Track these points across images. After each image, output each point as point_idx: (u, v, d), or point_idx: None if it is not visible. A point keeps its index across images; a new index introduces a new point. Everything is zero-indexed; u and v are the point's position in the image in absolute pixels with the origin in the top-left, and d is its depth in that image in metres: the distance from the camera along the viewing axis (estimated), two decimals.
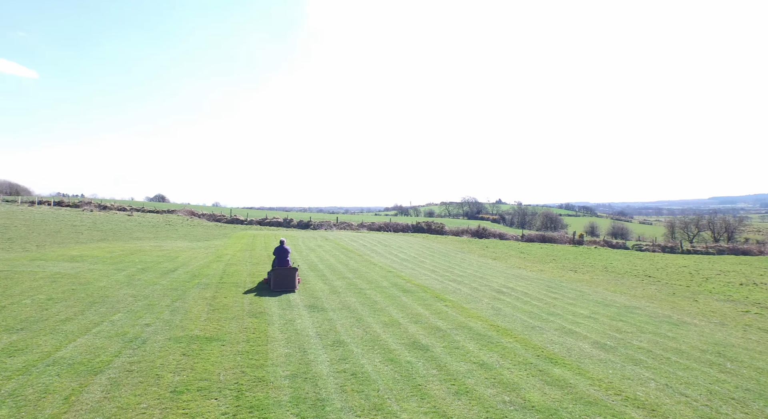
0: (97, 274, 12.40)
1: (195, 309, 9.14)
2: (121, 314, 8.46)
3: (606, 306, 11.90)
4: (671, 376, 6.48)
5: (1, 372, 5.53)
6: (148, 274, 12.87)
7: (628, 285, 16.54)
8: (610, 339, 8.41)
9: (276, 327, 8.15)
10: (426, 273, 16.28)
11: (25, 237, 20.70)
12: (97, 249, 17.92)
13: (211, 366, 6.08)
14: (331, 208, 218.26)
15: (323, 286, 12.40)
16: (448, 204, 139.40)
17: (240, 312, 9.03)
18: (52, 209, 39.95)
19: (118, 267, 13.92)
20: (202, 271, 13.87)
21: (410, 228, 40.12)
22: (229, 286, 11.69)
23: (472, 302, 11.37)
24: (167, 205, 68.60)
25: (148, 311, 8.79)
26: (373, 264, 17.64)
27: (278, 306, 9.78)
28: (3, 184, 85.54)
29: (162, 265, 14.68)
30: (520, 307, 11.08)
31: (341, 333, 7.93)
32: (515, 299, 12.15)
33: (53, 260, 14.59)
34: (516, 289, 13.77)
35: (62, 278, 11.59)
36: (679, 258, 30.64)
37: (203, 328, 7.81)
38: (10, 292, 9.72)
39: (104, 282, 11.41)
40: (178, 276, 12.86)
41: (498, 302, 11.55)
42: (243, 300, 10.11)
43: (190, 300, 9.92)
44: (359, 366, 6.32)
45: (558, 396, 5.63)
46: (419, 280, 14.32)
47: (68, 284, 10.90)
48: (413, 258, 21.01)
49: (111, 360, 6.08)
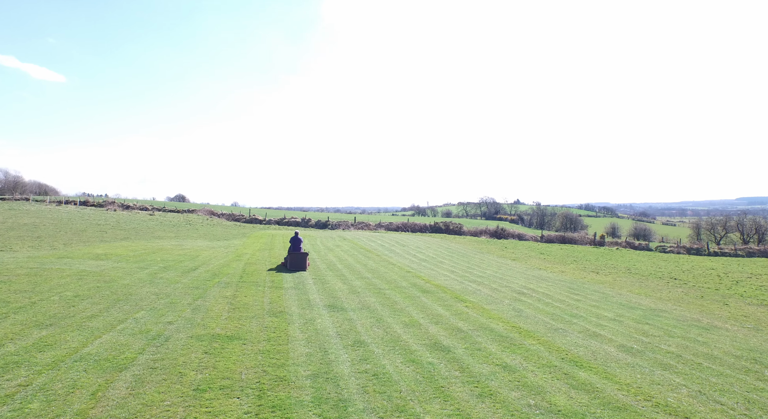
0: (120, 272, 12.65)
1: (216, 307, 9.23)
2: (144, 312, 8.58)
3: (631, 309, 11.58)
4: (704, 383, 6.23)
5: (32, 367, 5.65)
6: (170, 273, 13.07)
7: (652, 287, 16.09)
8: (637, 343, 8.16)
9: (296, 326, 8.15)
10: (445, 273, 16.14)
11: (53, 236, 21.30)
12: (121, 248, 18.31)
13: (232, 364, 6.10)
14: (348, 208, 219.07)
15: (342, 286, 12.39)
16: (466, 204, 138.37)
17: (260, 312, 9.07)
18: (78, 208, 41.07)
19: (141, 265, 14.17)
20: (222, 270, 14.02)
21: (428, 229, 39.91)
22: (249, 285, 11.77)
23: (493, 303, 11.21)
24: (187, 205, 69.82)
25: (170, 309, 8.90)
26: (391, 265, 17.57)
27: (298, 305, 9.80)
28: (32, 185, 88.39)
29: (183, 264, 14.90)
30: (542, 309, 10.87)
31: (361, 334, 7.88)
32: (537, 300, 11.93)
33: (79, 258, 14.95)
34: (537, 290, 13.53)
35: (88, 276, 11.85)
36: (705, 260, 29.72)
37: (224, 327, 7.87)
38: (39, 289, 9.97)
39: (128, 280, 11.63)
40: (199, 274, 13.03)
41: (519, 303, 11.36)
42: (263, 300, 10.16)
43: (211, 298, 10.02)
44: (380, 367, 6.26)
45: (585, 400, 5.46)
46: (438, 281, 14.20)
47: (94, 282, 11.14)
48: (432, 258, 20.87)
49: (135, 357, 6.15)
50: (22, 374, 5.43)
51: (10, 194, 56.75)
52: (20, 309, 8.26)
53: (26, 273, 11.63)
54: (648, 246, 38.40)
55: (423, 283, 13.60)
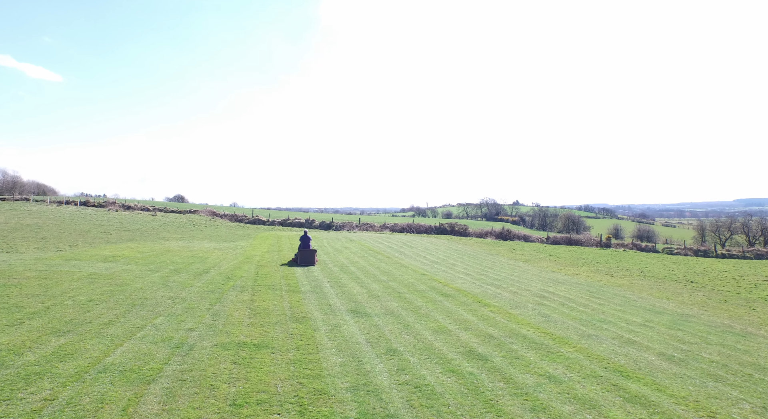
0: (132, 275, 12.30)
1: (236, 313, 8.89)
2: (162, 318, 8.24)
3: (657, 314, 11.29)
4: (764, 397, 5.92)
5: (56, 378, 5.31)
6: (182, 276, 12.73)
7: (671, 290, 15.81)
8: (676, 351, 7.86)
9: (323, 333, 7.83)
10: (461, 276, 15.83)
11: (58, 237, 20.93)
12: (128, 250, 17.95)
13: (265, 376, 5.77)
14: (347, 208, 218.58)
15: (361, 290, 12.07)
16: (466, 205, 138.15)
17: (282, 317, 8.74)
18: (79, 209, 40.66)
19: (151, 268, 13.83)
20: (235, 273, 13.69)
21: (433, 230, 39.61)
22: (265, 289, 11.44)
23: (517, 307, 10.90)
24: (189, 206, 69.41)
25: (188, 314, 8.57)
26: (404, 267, 17.26)
27: (320, 311, 9.47)
28: (31, 185, 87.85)
29: (193, 266, 14.55)
30: (568, 314, 10.56)
31: (392, 341, 7.56)
32: (560, 304, 11.62)
33: (87, 260, 14.60)
34: (558, 294, 13.23)
35: (99, 279, 11.50)
36: (715, 262, 29.49)
37: (248, 334, 7.54)
38: (51, 293, 9.62)
39: (140, 283, 11.28)
40: (212, 278, 12.69)
41: (543, 308, 11.05)
42: (283, 304, 9.83)
43: (228, 303, 9.69)
44: (421, 378, 5.94)
45: (644, 415, 5.15)
46: (456, 284, 13.88)
47: (106, 285, 10.79)
48: (443, 260, 20.56)
49: (161, 368, 5.82)
50: (45, 386, 5.09)
51: (9, 194, 56.27)
52: (35, 315, 7.91)
53: (36, 276, 11.28)
54: (654, 248, 38.18)
55: (441, 286, 13.28)
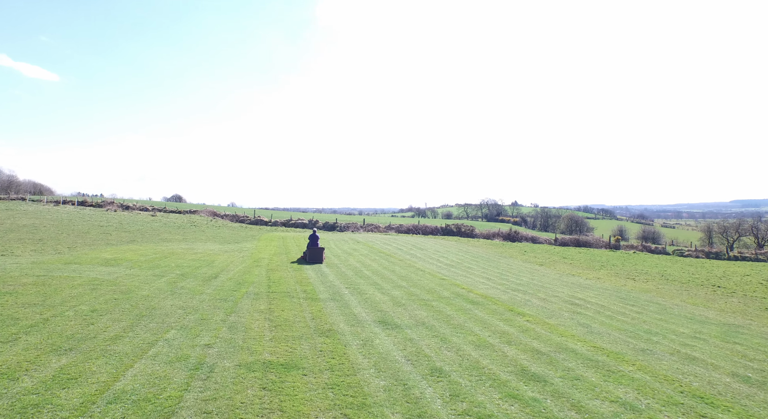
0: (136, 281, 11.47)
1: (254, 325, 8.08)
2: (174, 331, 7.42)
3: (703, 324, 10.54)
4: None
5: (57, 412, 4.49)
6: (190, 281, 11.90)
7: (702, 297, 15.08)
8: (749, 370, 7.09)
9: (355, 349, 7.03)
10: (482, 281, 15.04)
11: (56, 238, 20.04)
12: (130, 252, 17.09)
13: (302, 405, 4.97)
14: (345, 208, 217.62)
15: (383, 297, 11.26)
16: (467, 206, 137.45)
17: (306, 330, 7.93)
18: (76, 209, 39.70)
19: (156, 272, 12.99)
20: (246, 278, 12.86)
21: (439, 231, 38.84)
22: (282, 297, 10.62)
23: (553, 316, 10.12)
24: (188, 205, 68.45)
25: (203, 327, 7.75)
26: (420, 271, 16.46)
27: (345, 322, 8.66)
28: (27, 184, 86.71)
29: (201, 271, 13.72)
30: (608, 323, 9.79)
31: (433, 358, 6.76)
32: (596, 313, 10.86)
33: (88, 264, 13.74)
34: (589, 301, 12.46)
35: (101, 285, 10.67)
36: (731, 265, 28.80)
37: (273, 351, 6.73)
38: (50, 302, 8.78)
39: (146, 290, 10.45)
40: (222, 283, 11.86)
41: (580, 316, 10.28)
42: (304, 315, 9.02)
43: (245, 313, 8.87)
44: (480, 406, 5.15)
45: None
46: (480, 290, 13.09)
47: (109, 292, 9.96)
48: (458, 263, 19.77)
49: (181, 396, 5.01)
50: None
51: (5, 194, 55.24)
52: (32, 329, 7.08)
53: (33, 283, 10.43)
54: (664, 250, 37.50)
55: (465, 293, 12.49)
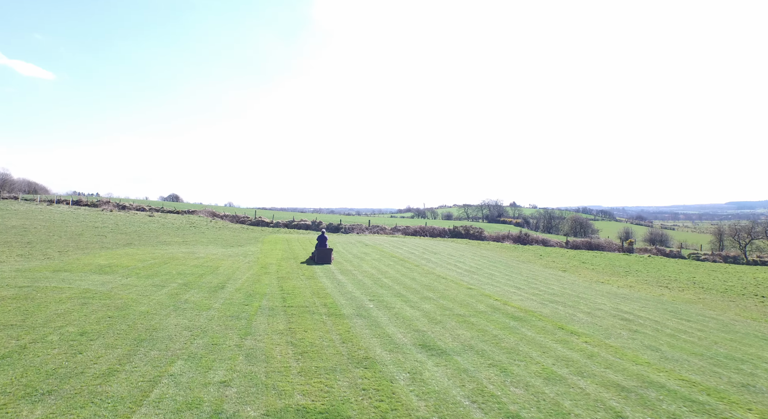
0: (133, 292, 10.11)
1: (276, 351, 6.75)
2: (181, 362, 6.08)
3: None
4: None
5: None
6: (194, 293, 10.55)
7: (755, 309, 13.84)
8: None
9: (403, 385, 5.71)
10: (511, 290, 13.75)
11: (46, 241, 18.62)
12: (126, 257, 15.72)
13: None
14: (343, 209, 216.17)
15: (414, 312, 9.94)
16: (467, 206, 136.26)
17: (339, 358, 6.60)
18: (71, 209, 38.22)
19: (155, 281, 11.64)
20: (256, 288, 11.52)
21: (447, 233, 37.56)
22: (301, 312, 9.28)
23: (611, 336, 8.83)
24: (186, 205, 66.97)
25: (215, 356, 6.41)
26: (442, 279, 15.15)
27: (381, 345, 7.33)
28: (21, 183, 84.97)
29: (205, 279, 12.37)
30: (677, 345, 8.51)
31: (502, 399, 5.45)
32: (655, 331, 9.58)
33: (79, 271, 12.37)
34: (638, 315, 11.20)
35: (93, 298, 9.30)
36: (755, 270, 27.65)
37: (305, 390, 5.40)
38: (32, 322, 7.42)
39: (145, 305, 9.09)
40: (231, 295, 10.52)
41: (641, 336, 8.99)
42: (331, 336, 7.69)
43: (262, 335, 7.53)
44: None
45: None
46: (515, 301, 11.80)
47: (102, 308, 8.60)
48: (477, 269, 18.48)
49: None
50: None
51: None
52: (3, 361, 5.72)
53: (14, 297, 9.05)
54: (680, 254, 36.36)
55: (501, 305, 11.20)
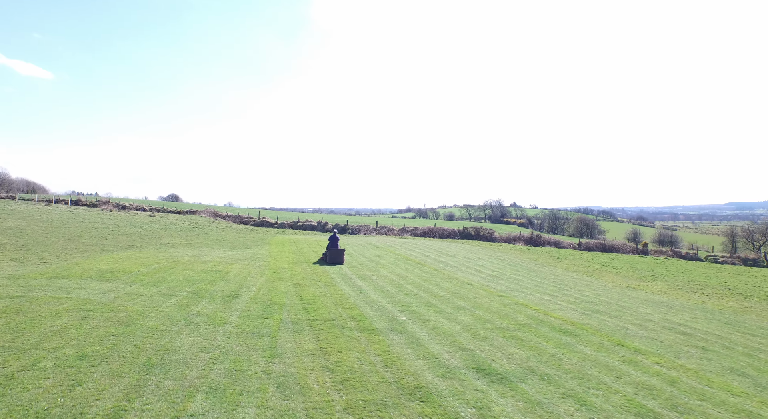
0: (139, 304, 9.07)
1: (311, 379, 5.71)
2: (201, 397, 5.05)
3: None
4: None
5: None
6: (205, 303, 9.52)
7: None
8: None
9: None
10: (544, 297, 12.72)
11: (43, 244, 17.56)
12: (128, 261, 14.68)
13: None
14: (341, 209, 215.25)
15: (452, 325, 8.90)
16: (468, 207, 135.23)
17: (387, 389, 5.57)
18: (69, 209, 37.17)
19: (162, 289, 10.61)
20: (273, 298, 10.48)
21: (457, 235, 36.53)
22: (329, 327, 8.24)
23: (681, 356, 7.79)
24: (187, 205, 65.97)
25: (240, 386, 5.38)
26: (467, 285, 14.12)
27: (430, 369, 6.29)
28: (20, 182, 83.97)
29: (215, 287, 11.34)
30: (765, 369, 7.46)
31: None
32: (725, 348, 8.55)
33: (78, 278, 11.33)
34: (695, 328, 10.17)
35: (94, 311, 8.27)
36: None
37: None
38: (23, 342, 6.38)
39: (152, 318, 8.05)
40: (247, 306, 9.48)
41: (714, 355, 7.96)
42: (370, 358, 6.65)
43: (291, 357, 6.50)
44: None
45: None
46: (556, 312, 10.76)
47: (104, 323, 7.56)
48: (500, 273, 17.45)
49: None
50: None
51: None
52: None
53: (4, 309, 8.01)
54: (697, 256, 35.34)
55: (542, 316, 10.17)
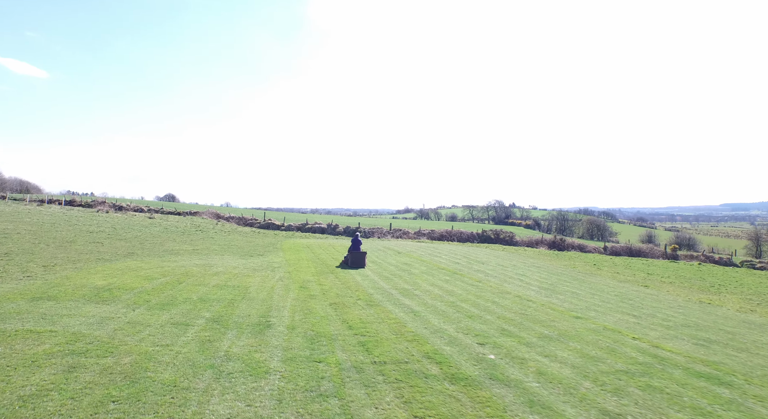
0: (146, 340, 6.92)
1: None
2: None
3: None
4: None
5: None
6: (232, 336, 7.38)
7: None
8: None
9: None
10: (629, 319, 10.63)
11: (29, 252, 15.35)
12: (129, 273, 12.52)
13: None
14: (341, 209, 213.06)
15: (561, 368, 6.75)
16: (471, 207, 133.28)
17: None
18: (63, 209, 34.86)
19: (173, 314, 8.46)
20: (315, 326, 8.33)
21: (476, 238, 34.46)
22: (405, 375, 6.11)
23: None
24: (184, 206, 63.72)
25: None
26: (526, 301, 12.01)
27: None
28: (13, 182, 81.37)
29: (238, 310, 9.20)
30: None
31: None
32: None
33: (68, 299, 9.16)
34: None
35: (87, 355, 6.11)
36: None
37: None
38: None
39: (167, 367, 5.90)
40: (286, 341, 7.34)
41: None
42: None
43: None
44: None
45: None
46: (664, 343, 8.66)
47: (101, 379, 5.41)
48: (549, 285, 15.35)
49: None
50: None
51: None
52: None
53: None
54: (731, 261, 33.42)
55: (652, 349, 8.05)
